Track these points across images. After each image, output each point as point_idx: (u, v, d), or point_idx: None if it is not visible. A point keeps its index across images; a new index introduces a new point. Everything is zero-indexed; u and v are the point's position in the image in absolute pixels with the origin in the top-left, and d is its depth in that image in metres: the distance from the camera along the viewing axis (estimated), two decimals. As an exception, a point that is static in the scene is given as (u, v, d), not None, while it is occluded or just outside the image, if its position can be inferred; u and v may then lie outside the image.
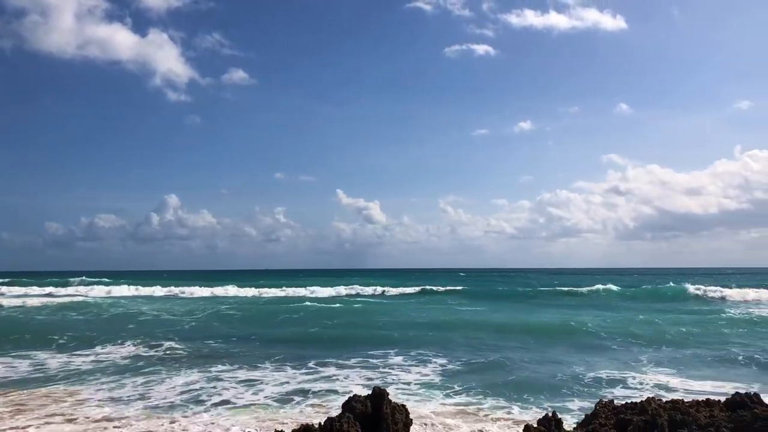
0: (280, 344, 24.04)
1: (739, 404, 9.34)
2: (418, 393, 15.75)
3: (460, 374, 18.26)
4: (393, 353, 22.03)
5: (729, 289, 56.92)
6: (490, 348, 22.85)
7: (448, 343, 24.11)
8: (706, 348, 23.16)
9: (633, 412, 9.40)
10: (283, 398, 15.09)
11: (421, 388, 16.34)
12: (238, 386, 16.39)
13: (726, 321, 33.60)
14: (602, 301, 51.10)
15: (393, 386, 16.44)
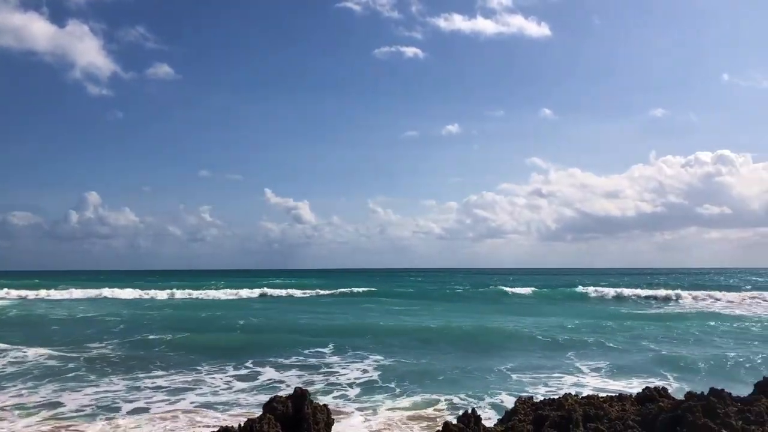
0: (190, 348, 23.26)
1: (648, 398, 9.76)
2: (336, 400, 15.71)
3: (389, 377, 18.34)
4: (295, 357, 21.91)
5: (643, 290, 59.53)
6: (408, 351, 22.97)
7: (362, 346, 24.10)
8: (627, 346, 24.09)
9: (551, 407, 9.66)
10: (206, 402, 14.77)
11: (339, 397, 16.32)
12: (159, 392, 15.92)
13: (644, 320, 35.16)
14: (523, 302, 52.45)
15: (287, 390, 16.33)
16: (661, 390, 10.17)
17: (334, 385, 16.85)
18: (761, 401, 7.75)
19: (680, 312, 41.08)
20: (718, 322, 33.04)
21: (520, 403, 10.34)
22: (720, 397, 7.76)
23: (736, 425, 6.91)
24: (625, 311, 41.39)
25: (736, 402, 7.86)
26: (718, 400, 7.60)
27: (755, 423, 7.07)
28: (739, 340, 25.78)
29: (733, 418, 7.13)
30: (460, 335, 26.44)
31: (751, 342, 25.24)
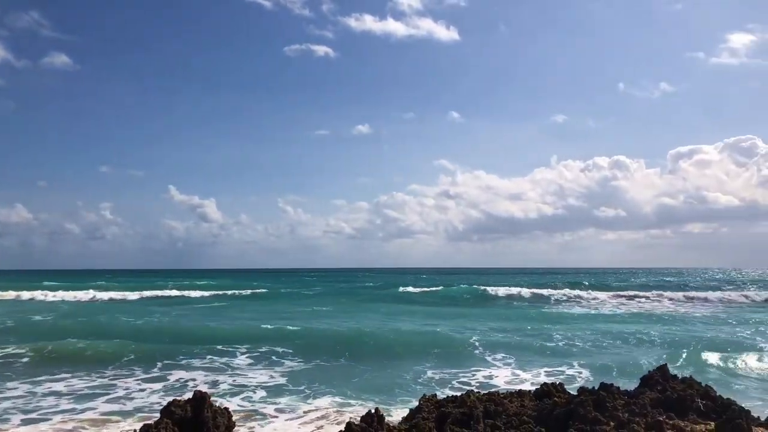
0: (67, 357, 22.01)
1: (545, 394, 10.17)
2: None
3: (299, 379, 18.20)
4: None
5: (544, 290, 61.93)
6: (318, 354, 22.88)
7: (271, 349, 23.85)
8: (533, 342, 24.92)
9: (453, 405, 9.87)
10: (107, 410, 14.15)
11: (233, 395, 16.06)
12: (61, 399, 15.13)
13: (547, 317, 36.58)
14: (432, 301, 53.27)
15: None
16: (558, 386, 10.62)
17: (241, 387, 16.55)
18: (645, 394, 8.26)
19: (575, 310, 43.04)
20: (608, 321, 34.81)
21: (424, 401, 10.51)
22: (609, 391, 8.20)
23: (623, 417, 7.32)
24: (531, 310, 42.94)
25: (624, 395, 8.33)
26: (608, 394, 8.02)
27: (639, 414, 7.52)
28: (633, 336, 27.28)
29: (620, 410, 7.56)
30: (372, 337, 26.53)
31: (644, 335, 26.77)
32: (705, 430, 7.29)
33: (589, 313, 41.42)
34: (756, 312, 42.17)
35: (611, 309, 44.66)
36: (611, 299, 54.45)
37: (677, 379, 8.87)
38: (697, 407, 7.92)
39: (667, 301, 52.30)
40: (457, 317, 36.35)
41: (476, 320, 33.99)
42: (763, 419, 7.76)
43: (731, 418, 7.03)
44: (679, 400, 8.02)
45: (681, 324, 33.04)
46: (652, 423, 7.29)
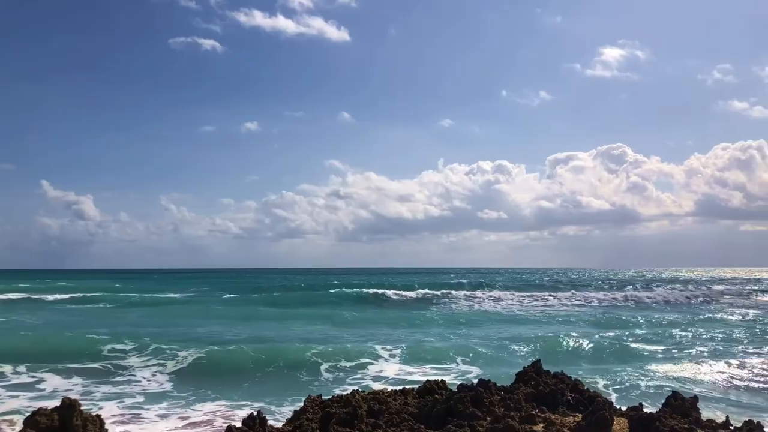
0: None
1: (428, 391, 10.42)
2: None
3: (184, 385, 17.60)
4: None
5: (437, 290, 63.47)
6: (205, 357, 22.30)
7: (157, 352, 23.00)
8: (423, 341, 25.44)
9: (338, 405, 9.90)
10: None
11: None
12: None
13: (436, 316, 37.52)
14: (323, 302, 53.03)
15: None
16: (440, 383, 10.91)
17: (118, 393, 15.82)
18: (520, 389, 8.66)
19: (461, 308, 44.46)
20: (502, 320, 36.22)
21: (309, 401, 10.47)
22: (487, 387, 8.52)
23: (499, 412, 7.65)
24: (422, 310, 43.90)
25: (500, 391, 8.69)
26: (485, 390, 8.34)
27: (514, 409, 7.88)
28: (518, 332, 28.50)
29: (497, 405, 7.89)
30: (265, 340, 26.13)
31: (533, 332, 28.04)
32: (573, 421, 7.74)
33: (480, 310, 42.92)
34: (636, 311, 45.25)
35: (503, 307, 46.47)
36: (504, 298, 56.64)
37: (550, 374, 9.37)
38: (566, 400, 8.41)
39: (555, 300, 55.06)
40: (349, 319, 36.44)
41: (368, 322, 34.27)
42: (624, 410, 8.36)
43: (596, 410, 7.52)
44: (551, 393, 8.49)
45: (570, 322, 34.91)
46: (525, 416, 7.68)
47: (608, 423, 7.46)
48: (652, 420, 7.23)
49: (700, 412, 9.04)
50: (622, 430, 7.51)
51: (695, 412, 8.66)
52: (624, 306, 50.46)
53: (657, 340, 26.55)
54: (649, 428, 7.12)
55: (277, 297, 56.35)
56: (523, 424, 7.42)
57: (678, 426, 7.07)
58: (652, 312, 43.28)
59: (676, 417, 8.04)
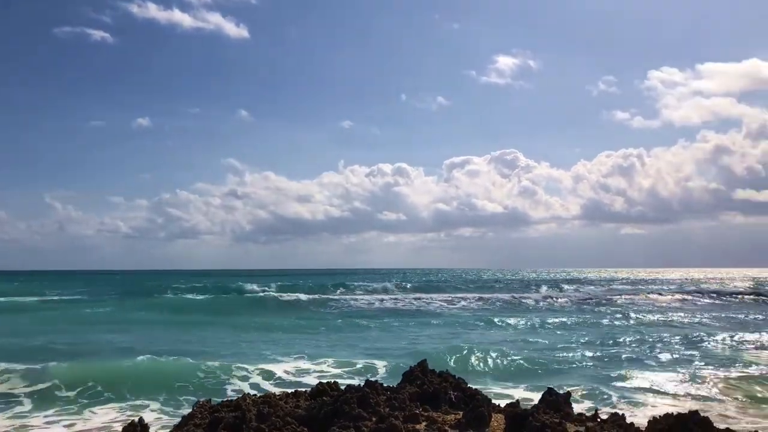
0: None
1: (320, 392, 10.53)
2: None
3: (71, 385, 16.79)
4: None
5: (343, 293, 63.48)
6: (95, 361, 21.41)
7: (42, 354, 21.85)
8: (330, 342, 25.48)
9: (228, 409, 9.83)
10: None
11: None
12: None
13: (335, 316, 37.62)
14: (207, 306, 51.56)
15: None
16: (332, 384, 11.04)
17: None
18: (405, 389, 8.96)
19: (360, 308, 44.83)
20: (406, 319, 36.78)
21: (198, 406, 10.32)
22: (373, 387, 8.75)
23: (384, 412, 7.88)
24: (324, 310, 43.87)
25: (386, 391, 8.94)
26: (371, 390, 8.56)
27: (399, 408, 8.15)
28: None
29: (382, 406, 8.12)
30: (165, 343, 25.33)
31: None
32: (454, 419, 8.11)
33: (381, 311, 43.38)
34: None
35: (412, 305, 47.14)
36: (407, 298, 57.55)
37: (435, 373, 9.72)
38: (449, 399, 8.78)
39: (463, 302, 56.44)
40: (245, 324, 35.70)
41: (265, 328, 33.70)
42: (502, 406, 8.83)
43: (475, 407, 7.93)
44: (435, 393, 8.83)
45: (479, 326, 35.93)
46: (409, 416, 7.95)
47: (486, 419, 7.88)
48: (526, 415, 7.68)
49: (572, 406, 9.66)
50: (499, 425, 7.93)
51: (567, 407, 9.25)
52: (538, 307, 52.37)
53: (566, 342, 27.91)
54: (523, 423, 7.56)
55: (169, 300, 54.48)
56: (407, 423, 7.69)
57: (549, 420, 7.56)
58: (569, 314, 45.31)
59: (549, 412, 8.57)
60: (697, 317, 39.30)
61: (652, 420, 9.63)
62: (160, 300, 54.21)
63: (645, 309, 47.84)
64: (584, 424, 8.46)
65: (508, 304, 53.27)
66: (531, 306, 52.19)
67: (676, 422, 9.19)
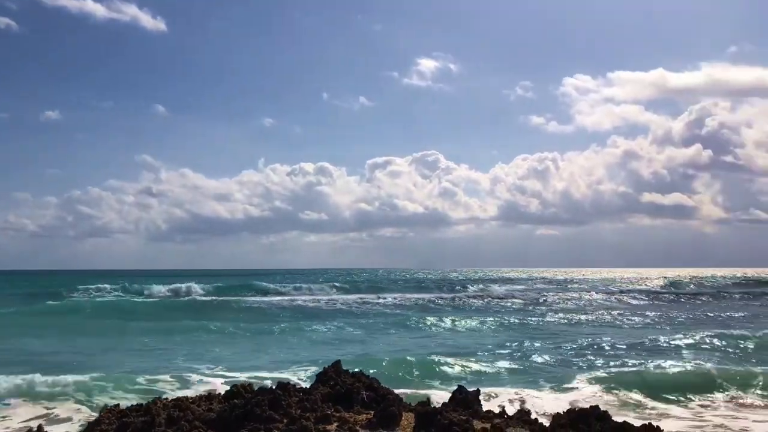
0: None
1: (234, 395, 10.43)
2: None
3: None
4: None
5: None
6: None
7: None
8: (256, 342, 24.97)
9: (137, 414, 9.59)
10: None
11: None
12: None
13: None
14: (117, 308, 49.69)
15: None
16: (247, 386, 10.94)
17: None
18: (318, 390, 9.01)
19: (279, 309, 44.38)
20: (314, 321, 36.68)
21: (105, 412, 10.03)
22: (285, 389, 8.75)
23: (295, 413, 7.90)
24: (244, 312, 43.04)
25: (299, 392, 8.97)
26: (284, 392, 8.56)
27: (311, 410, 8.19)
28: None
29: (294, 407, 8.14)
30: (69, 346, 24.23)
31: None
32: (366, 419, 8.21)
33: (305, 311, 43.00)
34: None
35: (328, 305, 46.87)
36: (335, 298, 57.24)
37: (348, 373, 9.81)
38: (361, 399, 8.88)
39: (390, 299, 56.58)
40: (155, 329, 34.36)
41: (176, 331, 32.57)
42: (413, 405, 9.01)
43: (386, 407, 8.07)
44: (347, 393, 8.92)
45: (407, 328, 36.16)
46: (320, 416, 8.00)
47: (396, 418, 8.03)
48: (435, 413, 7.87)
49: (481, 404, 9.97)
50: (409, 424, 8.09)
51: (477, 405, 9.55)
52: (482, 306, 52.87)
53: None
54: (432, 421, 7.74)
55: (74, 303, 51.72)
56: (318, 424, 7.74)
57: (457, 418, 7.77)
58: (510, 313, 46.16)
59: (459, 409, 8.83)
60: (636, 317, 40.79)
61: (556, 415, 10.07)
62: (66, 303, 50.68)
63: (584, 308, 49.53)
64: (491, 420, 8.75)
65: (446, 303, 53.87)
66: (466, 305, 52.86)
67: (577, 416, 9.65)
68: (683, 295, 68.85)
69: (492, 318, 37.74)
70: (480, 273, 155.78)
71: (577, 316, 41.31)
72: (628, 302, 58.60)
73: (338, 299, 57.46)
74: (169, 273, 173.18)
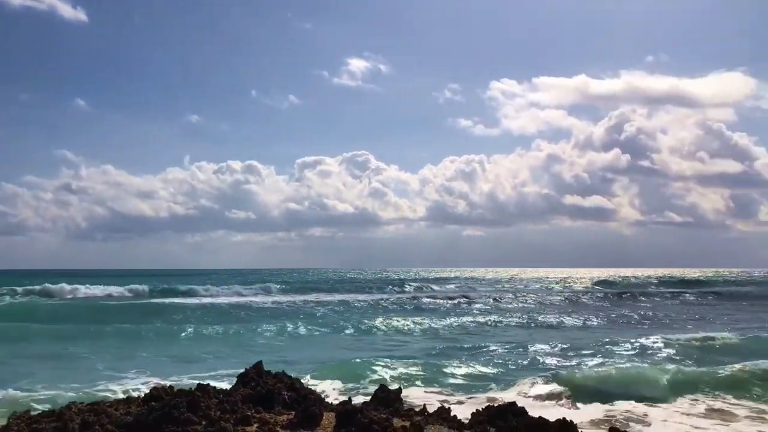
0: None
1: (155, 397, 10.21)
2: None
3: None
4: None
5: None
6: None
7: None
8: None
9: (49, 420, 9.29)
10: None
11: None
12: None
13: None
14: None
15: None
16: (168, 389, 10.73)
17: None
18: (239, 391, 8.93)
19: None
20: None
21: (14, 418, 9.66)
22: (205, 391, 8.64)
23: (214, 415, 7.81)
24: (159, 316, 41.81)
25: (219, 394, 8.86)
26: (203, 394, 8.45)
27: (230, 411, 8.12)
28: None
29: (213, 409, 8.04)
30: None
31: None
32: (287, 419, 8.21)
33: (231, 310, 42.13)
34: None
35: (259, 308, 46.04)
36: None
37: (271, 374, 9.77)
38: (282, 399, 8.87)
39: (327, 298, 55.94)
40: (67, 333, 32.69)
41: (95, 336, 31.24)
42: (335, 405, 9.06)
43: (307, 407, 8.08)
44: (268, 394, 8.88)
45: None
46: (240, 418, 7.95)
47: (317, 418, 8.06)
48: (355, 412, 7.94)
49: (402, 402, 10.13)
50: (330, 423, 8.13)
51: (398, 403, 9.69)
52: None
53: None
54: (352, 420, 7.81)
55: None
56: (238, 426, 7.69)
57: (377, 417, 7.87)
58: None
59: (380, 408, 8.94)
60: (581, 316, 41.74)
61: (475, 412, 10.34)
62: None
63: (520, 308, 50.47)
64: (411, 418, 8.90)
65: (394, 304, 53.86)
66: (406, 305, 52.92)
67: (496, 412, 9.94)
68: (614, 294, 70.91)
69: (432, 318, 38.13)
70: (410, 273, 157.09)
71: (511, 315, 42.20)
72: (567, 301, 60.01)
73: (268, 300, 56.68)
74: (90, 273, 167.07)
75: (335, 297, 61.15)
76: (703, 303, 60.56)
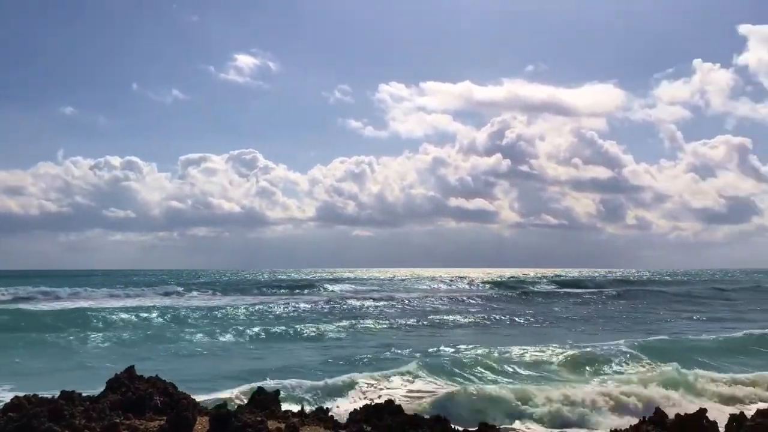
0: None
1: (17, 407, 9.61)
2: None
3: None
4: None
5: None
6: None
7: None
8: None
9: None
10: None
11: None
12: None
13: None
14: None
15: None
16: (32, 397, 10.11)
17: None
18: (107, 397, 8.60)
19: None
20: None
21: None
22: (70, 398, 8.26)
23: (79, 424, 7.48)
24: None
25: (86, 401, 8.49)
26: (67, 401, 8.07)
27: (97, 419, 7.80)
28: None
29: (78, 417, 7.70)
30: None
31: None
32: (158, 425, 7.99)
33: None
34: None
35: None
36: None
37: (143, 379, 9.46)
38: (155, 405, 8.62)
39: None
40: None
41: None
42: (210, 408, 8.93)
43: (180, 412, 7.91)
44: (139, 399, 8.61)
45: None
46: (108, 426, 7.65)
47: (190, 423, 7.91)
48: (229, 416, 7.87)
49: (280, 404, 10.12)
50: (204, 428, 8.01)
51: (274, 405, 9.68)
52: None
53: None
54: (226, 424, 7.73)
55: None
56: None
57: (251, 420, 7.84)
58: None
59: (255, 411, 8.89)
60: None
61: (353, 411, 10.51)
62: None
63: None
64: (288, 420, 8.93)
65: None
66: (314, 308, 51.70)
67: (373, 410, 10.16)
68: (502, 294, 73.40)
69: (333, 321, 37.85)
70: (298, 273, 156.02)
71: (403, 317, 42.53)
72: (474, 301, 61.25)
73: (143, 305, 54.21)
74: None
75: (224, 298, 59.58)
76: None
